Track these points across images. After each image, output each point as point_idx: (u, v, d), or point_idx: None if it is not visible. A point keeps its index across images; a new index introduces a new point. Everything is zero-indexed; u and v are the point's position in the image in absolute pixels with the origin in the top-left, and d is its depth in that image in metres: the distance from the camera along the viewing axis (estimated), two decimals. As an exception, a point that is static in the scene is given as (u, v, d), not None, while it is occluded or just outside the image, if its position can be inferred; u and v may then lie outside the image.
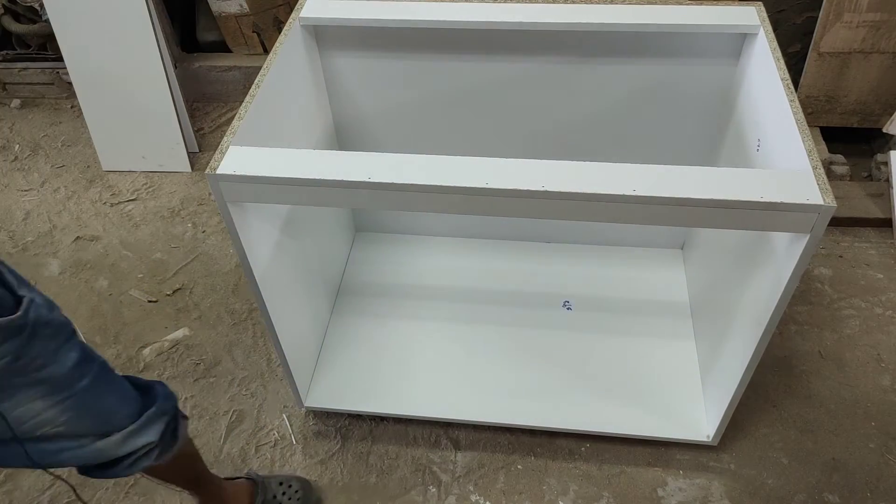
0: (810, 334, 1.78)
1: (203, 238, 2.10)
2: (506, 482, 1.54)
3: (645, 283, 1.83)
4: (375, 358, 1.69)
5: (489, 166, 1.05)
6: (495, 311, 1.78)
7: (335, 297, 1.83)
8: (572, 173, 1.03)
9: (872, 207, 2.04)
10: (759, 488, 1.51)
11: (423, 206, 1.08)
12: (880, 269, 1.93)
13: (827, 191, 0.99)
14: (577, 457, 1.57)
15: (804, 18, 2.14)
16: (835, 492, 1.49)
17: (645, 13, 1.38)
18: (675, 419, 1.55)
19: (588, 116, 1.60)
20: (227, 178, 1.08)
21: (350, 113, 1.65)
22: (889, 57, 2.03)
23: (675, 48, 1.44)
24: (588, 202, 1.02)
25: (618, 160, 1.05)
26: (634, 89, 1.52)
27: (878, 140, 2.23)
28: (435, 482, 1.54)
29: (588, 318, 1.77)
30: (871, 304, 1.84)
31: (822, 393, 1.66)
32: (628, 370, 1.64)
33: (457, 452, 1.59)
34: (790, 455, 1.56)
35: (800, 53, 2.16)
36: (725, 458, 1.56)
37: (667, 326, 1.73)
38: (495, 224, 1.92)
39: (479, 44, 1.48)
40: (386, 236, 1.99)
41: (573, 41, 1.45)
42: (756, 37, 1.35)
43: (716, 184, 1.00)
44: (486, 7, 1.41)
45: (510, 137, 1.66)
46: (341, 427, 1.65)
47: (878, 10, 1.95)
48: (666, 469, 1.54)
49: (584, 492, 1.51)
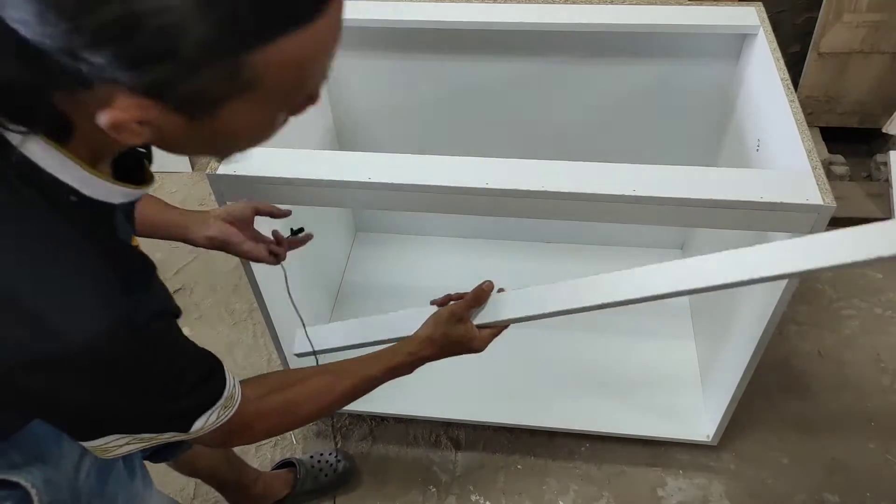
0: (810, 334, 1.78)
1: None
2: (506, 482, 1.54)
3: (645, 283, 1.83)
4: (375, 358, 1.69)
5: (489, 166, 1.05)
6: (495, 312, 1.78)
7: (335, 296, 1.83)
8: (572, 173, 1.03)
9: (872, 208, 2.04)
10: (759, 488, 1.51)
11: (423, 206, 1.09)
12: (879, 270, 1.93)
13: (826, 191, 0.99)
14: (577, 457, 1.57)
15: (804, 19, 2.14)
16: (835, 492, 1.49)
17: (645, 14, 1.38)
18: (675, 419, 1.55)
19: (588, 117, 1.60)
20: (228, 179, 1.08)
21: (350, 113, 1.65)
22: (889, 57, 2.03)
23: (675, 48, 1.44)
24: (588, 202, 1.02)
25: (618, 160, 1.05)
26: (634, 89, 1.52)
27: (878, 140, 2.23)
28: (435, 482, 1.54)
29: (588, 317, 1.75)
30: (871, 305, 1.84)
31: (821, 393, 1.66)
32: (628, 370, 1.64)
33: (457, 452, 1.59)
34: (790, 455, 1.56)
35: (799, 54, 2.16)
36: (725, 458, 1.56)
37: (667, 326, 1.73)
38: (495, 224, 1.92)
39: (479, 44, 1.48)
40: (386, 236, 1.99)
41: (573, 42, 1.45)
42: (756, 37, 1.35)
43: (715, 184, 1.00)
44: (486, 7, 1.41)
45: (510, 137, 1.66)
46: (341, 427, 1.65)
47: (877, 10, 1.95)
48: (666, 469, 1.54)
49: (584, 492, 1.51)
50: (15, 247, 0.51)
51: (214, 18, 0.41)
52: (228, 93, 0.46)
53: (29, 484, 0.70)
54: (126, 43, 0.41)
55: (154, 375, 0.60)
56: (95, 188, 0.54)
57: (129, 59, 0.42)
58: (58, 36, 0.42)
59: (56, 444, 0.75)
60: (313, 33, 0.45)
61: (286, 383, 0.81)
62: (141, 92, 0.45)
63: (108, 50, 0.42)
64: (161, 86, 0.44)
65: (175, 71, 0.43)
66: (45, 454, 0.74)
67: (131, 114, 0.45)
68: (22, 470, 0.70)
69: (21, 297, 0.51)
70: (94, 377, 0.56)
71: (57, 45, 0.42)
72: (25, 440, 0.71)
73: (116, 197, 0.56)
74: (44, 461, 0.73)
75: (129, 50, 0.42)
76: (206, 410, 0.65)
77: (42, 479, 0.72)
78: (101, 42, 0.41)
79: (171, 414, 0.63)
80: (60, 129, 0.50)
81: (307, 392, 0.82)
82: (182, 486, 1.54)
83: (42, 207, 0.51)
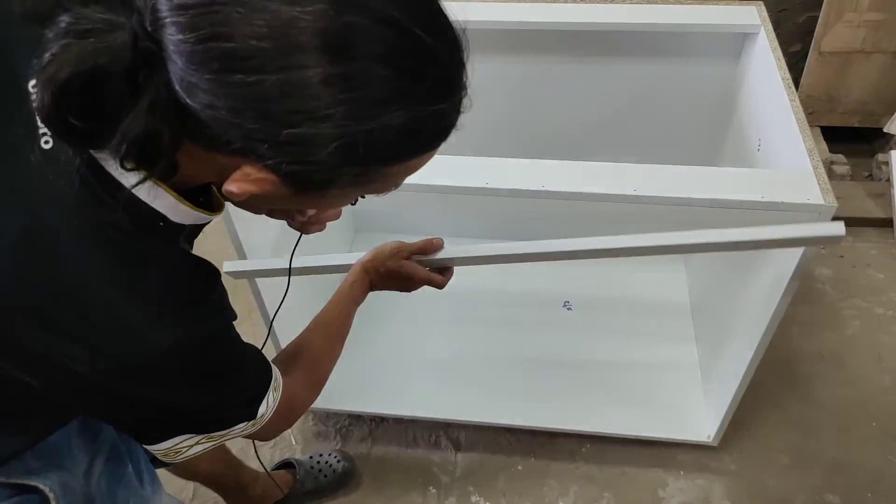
0: (811, 334, 1.78)
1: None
2: (506, 483, 1.54)
3: (645, 283, 1.83)
4: (375, 358, 1.69)
5: (489, 166, 1.05)
6: (495, 312, 1.78)
7: (335, 297, 1.83)
8: (572, 173, 1.03)
9: (873, 207, 2.04)
10: (760, 489, 1.50)
11: (423, 206, 1.08)
12: (881, 269, 1.93)
13: (828, 191, 0.98)
14: (578, 458, 1.57)
15: (805, 18, 2.13)
16: (836, 492, 1.49)
17: (645, 13, 1.37)
18: (676, 420, 1.55)
19: (588, 116, 1.60)
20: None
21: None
22: (890, 57, 2.03)
23: (676, 48, 1.43)
24: (588, 202, 1.02)
25: (618, 160, 1.04)
26: (635, 89, 1.52)
27: (879, 140, 2.23)
28: (435, 483, 1.54)
29: (589, 318, 1.76)
30: (872, 305, 1.84)
31: (823, 393, 1.66)
32: (629, 370, 1.64)
33: (457, 453, 1.59)
34: (791, 455, 1.55)
35: (800, 53, 2.16)
36: (726, 458, 1.55)
37: (667, 326, 1.73)
38: (495, 224, 1.91)
39: (478, 43, 1.47)
40: (386, 236, 1.97)
41: (573, 41, 1.45)
42: (757, 36, 1.34)
43: (717, 184, 1.00)
44: (486, 7, 1.41)
45: (509, 137, 1.65)
46: (341, 428, 1.64)
47: (879, 9, 1.94)
48: (667, 470, 1.54)
49: (585, 493, 1.51)
50: (111, 265, 0.55)
51: (375, 146, 0.48)
52: (346, 184, 0.52)
53: (47, 488, 0.73)
54: (291, 147, 0.47)
55: (223, 373, 0.65)
56: (181, 215, 0.58)
57: (282, 150, 0.47)
58: (231, 122, 0.46)
59: (69, 452, 0.78)
60: (429, 156, 0.55)
61: (297, 351, 0.88)
62: (271, 168, 0.49)
63: (268, 140, 0.46)
64: (297, 173, 0.49)
65: (316, 169, 0.48)
66: (60, 461, 0.76)
67: (259, 186, 0.50)
68: (40, 475, 0.73)
69: (118, 309, 0.55)
70: (177, 379, 0.60)
71: (224, 122, 0.46)
72: (42, 447, 0.74)
73: (191, 220, 0.60)
74: (59, 467, 0.75)
75: (288, 147, 0.47)
76: (265, 394, 0.70)
77: (59, 483, 0.74)
78: (269, 137, 0.46)
79: (240, 405, 0.68)
80: (167, 169, 0.53)
81: (317, 352, 0.90)
82: (181, 487, 1.53)
83: (134, 229, 0.55)
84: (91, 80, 0.45)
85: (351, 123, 0.46)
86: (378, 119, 0.47)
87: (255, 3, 0.43)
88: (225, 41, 0.43)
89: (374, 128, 0.47)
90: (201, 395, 0.64)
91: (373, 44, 0.45)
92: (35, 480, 0.72)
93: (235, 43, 0.43)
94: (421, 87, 0.48)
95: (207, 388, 0.64)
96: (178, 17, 0.43)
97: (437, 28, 0.50)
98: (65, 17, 0.45)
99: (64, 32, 0.45)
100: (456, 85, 0.52)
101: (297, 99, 0.45)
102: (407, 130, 0.49)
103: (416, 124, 0.49)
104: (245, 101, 0.45)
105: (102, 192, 0.52)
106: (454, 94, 0.52)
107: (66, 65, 0.44)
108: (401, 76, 0.47)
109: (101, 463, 0.81)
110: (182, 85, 0.45)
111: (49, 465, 0.74)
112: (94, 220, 0.53)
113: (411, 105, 0.48)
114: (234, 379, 0.67)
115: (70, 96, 0.45)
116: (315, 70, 0.44)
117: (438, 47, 0.50)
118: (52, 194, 0.52)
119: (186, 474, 1.29)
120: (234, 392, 0.67)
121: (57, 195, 0.52)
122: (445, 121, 0.53)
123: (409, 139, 0.50)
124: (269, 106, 0.45)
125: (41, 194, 0.52)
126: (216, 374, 0.64)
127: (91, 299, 0.54)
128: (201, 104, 0.45)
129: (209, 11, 0.43)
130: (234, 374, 0.67)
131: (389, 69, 0.46)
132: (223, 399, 0.66)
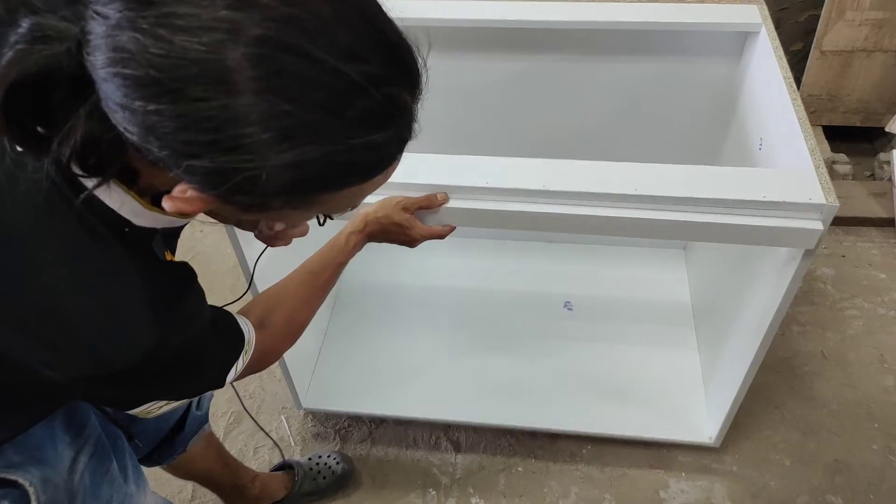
0: (813, 335, 1.77)
1: (201, 238, 2.09)
2: (506, 485, 1.53)
3: (646, 283, 1.82)
4: (375, 358, 1.68)
5: (489, 166, 1.04)
6: (496, 312, 1.77)
7: (334, 297, 1.82)
8: (573, 173, 1.02)
9: (875, 207, 2.03)
10: (761, 490, 1.50)
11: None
12: (883, 269, 1.92)
13: (829, 190, 0.98)
14: (579, 459, 1.56)
15: (806, 17, 2.13)
16: (837, 493, 1.48)
17: (646, 11, 1.37)
18: (677, 421, 1.54)
19: (589, 115, 1.59)
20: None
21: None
22: (892, 55, 2.02)
23: (677, 46, 1.43)
24: (588, 202, 1.01)
25: (619, 159, 1.04)
26: (635, 88, 1.51)
27: (881, 139, 2.22)
28: (435, 484, 1.53)
29: (589, 318, 1.76)
30: (874, 305, 1.83)
31: (824, 394, 1.65)
32: (630, 371, 1.63)
33: (457, 455, 1.58)
34: (793, 457, 1.55)
35: (802, 52, 2.15)
36: (728, 459, 1.55)
37: (668, 326, 1.72)
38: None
39: (478, 42, 1.47)
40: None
41: (574, 39, 1.44)
42: (758, 35, 1.34)
43: (718, 183, 0.99)
44: (485, 5, 1.40)
45: (509, 136, 1.65)
46: (340, 429, 1.64)
47: (880, 8, 1.93)
48: (668, 471, 1.53)
49: (586, 494, 1.50)
50: (80, 274, 0.55)
51: (297, 176, 0.47)
52: (283, 207, 0.51)
53: (27, 482, 0.72)
54: (201, 176, 0.47)
55: (195, 368, 0.68)
56: (147, 219, 0.58)
57: (195, 178, 0.47)
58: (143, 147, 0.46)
59: (52, 446, 0.77)
60: (373, 183, 0.54)
61: (278, 298, 0.88)
62: (210, 192, 0.48)
63: (177, 167, 0.46)
64: (223, 196, 0.48)
65: (252, 198, 0.48)
66: (41, 455, 0.76)
67: (195, 206, 0.50)
68: (19, 469, 0.73)
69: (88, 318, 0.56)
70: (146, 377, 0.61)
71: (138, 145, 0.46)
72: (23, 440, 0.74)
73: (162, 223, 0.60)
74: (40, 461, 0.75)
75: (198, 176, 0.47)
76: (233, 364, 0.73)
77: (40, 478, 0.74)
78: (176, 165, 0.46)
79: (210, 380, 0.71)
80: (127, 175, 0.54)
81: (299, 298, 0.90)
82: (180, 487, 1.53)
83: (104, 235, 0.56)
84: (38, 85, 0.46)
85: (252, 158, 0.45)
86: (282, 155, 0.45)
87: (157, 30, 0.42)
88: (127, 67, 0.43)
89: (279, 164, 0.45)
90: (173, 386, 0.67)
91: (273, 77, 0.43)
92: (14, 475, 0.72)
93: (135, 70, 0.43)
94: (341, 121, 0.46)
95: (180, 380, 0.67)
96: (99, 39, 0.44)
97: (368, 58, 0.47)
98: (25, 21, 0.45)
99: (20, 36, 0.45)
100: (392, 115, 0.50)
101: (193, 132, 0.44)
102: (327, 163, 0.47)
103: (341, 157, 0.48)
104: (148, 130, 0.44)
105: (74, 198, 0.52)
106: (390, 125, 0.50)
107: (15, 67, 0.45)
108: (310, 111, 0.45)
109: (85, 458, 0.81)
110: (104, 103, 0.45)
111: (30, 459, 0.74)
112: (64, 227, 0.54)
113: (328, 139, 0.46)
114: (205, 368, 0.69)
115: (18, 99, 0.46)
116: (210, 104, 0.43)
117: (367, 79, 0.46)
118: (23, 200, 0.52)
119: (184, 474, 1.29)
120: (204, 374, 0.70)
121: (28, 200, 0.52)
122: (381, 151, 0.51)
123: (336, 170, 0.49)
124: (168, 136, 0.44)
125: (13, 199, 0.53)
126: (188, 370, 0.67)
127: (62, 307, 0.55)
128: (120, 125, 0.45)
129: (115, 35, 0.43)
130: (207, 363, 0.69)
131: (294, 104, 0.44)
132: (195, 383, 0.70)
